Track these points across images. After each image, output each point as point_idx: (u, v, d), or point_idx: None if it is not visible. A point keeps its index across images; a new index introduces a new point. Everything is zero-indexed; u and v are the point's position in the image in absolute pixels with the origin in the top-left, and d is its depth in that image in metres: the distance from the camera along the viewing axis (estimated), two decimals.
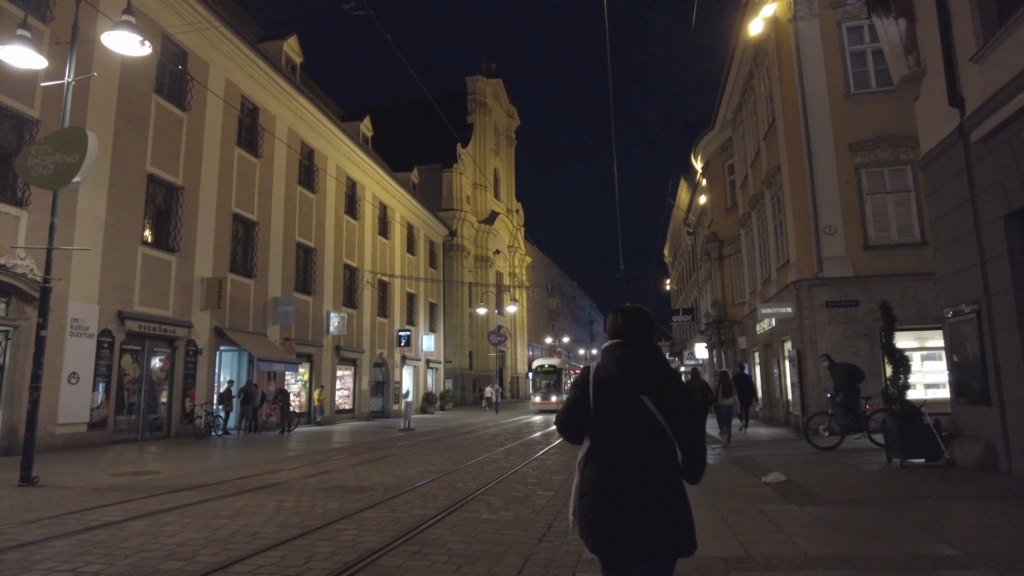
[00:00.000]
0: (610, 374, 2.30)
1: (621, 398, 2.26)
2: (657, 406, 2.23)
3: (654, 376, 2.27)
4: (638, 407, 2.24)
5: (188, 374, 16.84)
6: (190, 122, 17.35)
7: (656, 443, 2.23)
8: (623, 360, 2.31)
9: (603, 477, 2.22)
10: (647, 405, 2.23)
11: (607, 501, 2.18)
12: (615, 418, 2.26)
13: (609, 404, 2.28)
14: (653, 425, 2.23)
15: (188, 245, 17.07)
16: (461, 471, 9.36)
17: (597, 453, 2.28)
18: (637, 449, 2.22)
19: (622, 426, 2.25)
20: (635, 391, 2.25)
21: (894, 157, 15.10)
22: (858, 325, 14.76)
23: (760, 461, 9.61)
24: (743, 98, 21.21)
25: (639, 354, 2.32)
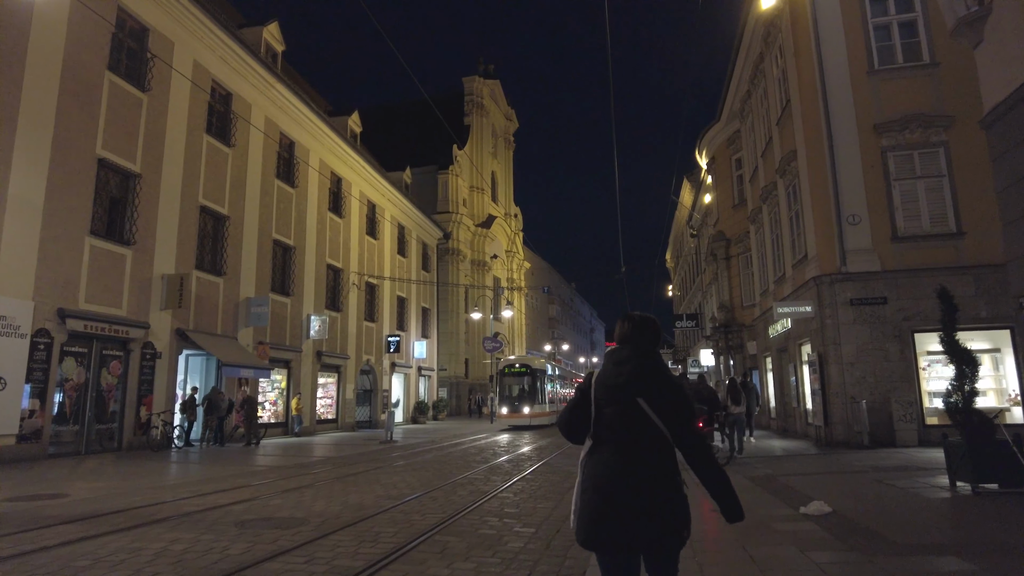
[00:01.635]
0: (610, 378, 2.40)
1: (619, 401, 2.34)
2: (654, 410, 2.30)
3: (651, 381, 2.35)
4: (635, 410, 2.31)
5: (144, 380, 15.27)
6: (151, 104, 15.87)
7: (652, 444, 2.29)
8: (622, 364, 2.41)
9: (601, 475, 2.29)
10: (644, 408, 2.30)
11: (603, 498, 2.25)
12: (614, 420, 2.34)
13: (608, 406, 2.36)
14: (650, 427, 2.30)
15: (146, 238, 15.54)
16: (428, 496, 7.77)
17: (599, 454, 2.36)
18: (634, 449, 2.28)
19: (620, 428, 2.33)
20: (632, 394, 2.33)
21: (924, 139, 13.58)
22: (887, 325, 13.19)
23: (789, 482, 8.02)
24: (752, 84, 19.74)
25: (638, 359, 2.40)
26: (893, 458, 10.38)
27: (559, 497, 7.66)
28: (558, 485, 8.77)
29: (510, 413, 25.81)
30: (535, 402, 25.85)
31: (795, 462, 10.55)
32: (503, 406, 26.14)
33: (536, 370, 26.69)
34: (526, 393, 26.02)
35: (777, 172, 16.81)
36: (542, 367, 27.94)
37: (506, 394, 26.40)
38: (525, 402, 25.75)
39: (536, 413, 25.74)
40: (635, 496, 2.20)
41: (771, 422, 19.86)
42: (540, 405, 26.35)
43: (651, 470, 2.25)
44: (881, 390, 12.94)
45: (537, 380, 26.29)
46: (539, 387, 26.50)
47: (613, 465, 2.27)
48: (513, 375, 26.57)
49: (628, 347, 2.46)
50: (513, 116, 60.09)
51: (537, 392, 26.17)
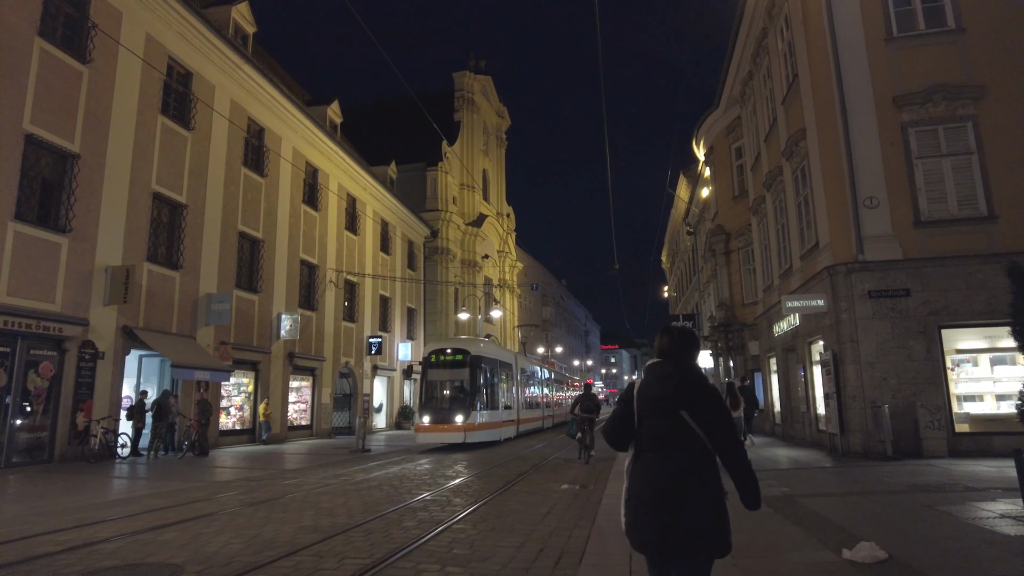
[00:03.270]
0: (652, 390, 2.51)
1: (662, 412, 2.45)
2: (695, 421, 2.40)
3: (694, 394, 2.44)
4: (678, 421, 2.41)
5: (83, 383, 13.70)
6: (92, 78, 14.35)
7: (694, 453, 2.39)
8: (665, 378, 2.51)
9: (646, 483, 2.41)
10: (686, 419, 2.40)
11: (649, 505, 2.37)
12: (657, 430, 2.45)
13: (651, 417, 2.47)
14: (692, 437, 2.40)
15: (86, 226, 14.00)
16: (363, 528, 6.26)
17: (641, 460, 2.48)
18: (676, 459, 2.39)
19: (663, 438, 2.43)
20: (676, 407, 2.43)
21: (950, 112, 12.18)
22: (910, 320, 11.75)
23: (814, 506, 6.54)
24: (754, 64, 18.33)
25: (680, 373, 2.49)
26: (927, 473, 8.91)
27: (529, 530, 6.17)
28: (535, 509, 7.28)
29: (433, 424, 17.10)
30: (475, 408, 17.41)
31: (813, 478, 9.07)
32: (423, 414, 17.50)
33: (479, 359, 18.30)
34: (462, 394, 17.68)
35: (783, 155, 15.39)
36: (494, 356, 19.78)
37: (431, 395, 18.14)
38: (458, 408, 17.23)
39: (477, 425, 17.30)
40: (677, 503, 2.33)
41: (775, 428, 18.41)
42: (487, 413, 18.14)
43: (693, 478, 2.37)
44: (904, 393, 11.50)
45: (481, 374, 18.22)
46: (484, 386, 18.41)
47: (657, 473, 2.40)
48: (443, 366, 18.23)
49: (670, 361, 2.55)
50: (505, 113, 58.71)
51: (481, 393, 18.03)
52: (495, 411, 19.16)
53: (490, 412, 18.61)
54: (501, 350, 22.10)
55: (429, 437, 17.31)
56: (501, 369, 20.55)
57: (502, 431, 19.79)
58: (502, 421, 19.81)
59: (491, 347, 20.58)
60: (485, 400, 18.35)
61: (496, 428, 19.03)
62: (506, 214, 58.88)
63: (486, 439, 18.10)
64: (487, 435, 18.14)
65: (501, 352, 21.57)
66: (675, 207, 41.36)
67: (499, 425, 19.41)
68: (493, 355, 19.87)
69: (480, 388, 18.12)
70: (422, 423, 17.40)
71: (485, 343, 20.44)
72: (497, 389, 19.81)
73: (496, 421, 19.05)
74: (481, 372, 18.29)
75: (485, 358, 18.80)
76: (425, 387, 18.41)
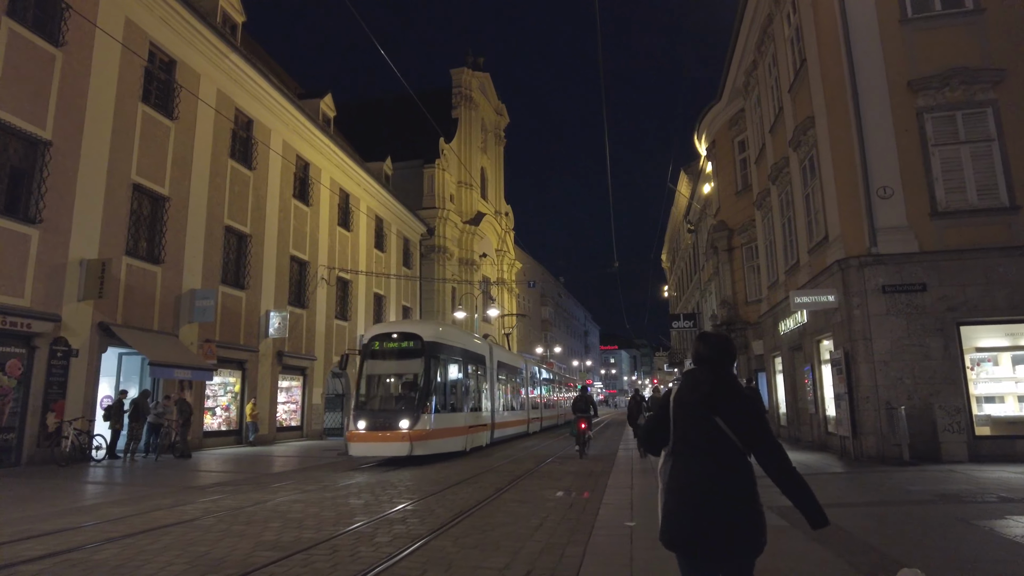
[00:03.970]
0: (689, 397, 2.56)
1: (698, 419, 2.50)
2: (730, 427, 2.44)
3: (727, 401, 2.49)
4: (711, 426, 2.46)
5: (54, 382, 13.03)
6: (66, 62, 13.68)
7: (729, 458, 2.43)
8: (699, 385, 2.56)
9: (682, 485, 2.46)
10: (720, 425, 2.44)
11: (686, 506, 2.42)
12: (692, 436, 2.50)
13: (687, 423, 2.53)
14: (727, 443, 2.44)
15: (59, 217, 13.33)
16: (328, 544, 5.60)
17: (677, 465, 2.53)
18: (711, 463, 2.43)
19: (699, 443, 2.47)
20: (710, 414, 2.47)
21: (969, 97, 11.52)
22: (927, 316, 11.09)
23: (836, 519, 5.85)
24: (759, 52, 17.68)
25: (714, 381, 2.54)
26: (951, 480, 8.25)
27: (516, 547, 5.50)
28: (520, 523, 6.61)
29: (369, 431, 12.96)
30: (427, 409, 13.28)
31: (828, 485, 8.40)
32: (358, 417, 13.25)
33: (436, 347, 14.27)
34: (412, 393, 13.67)
35: (790, 145, 14.73)
36: (457, 344, 15.88)
37: (370, 393, 14.19)
38: (404, 411, 13.20)
39: (429, 432, 13.22)
40: (711, 506, 2.37)
41: (780, 430, 17.73)
42: (445, 416, 14.27)
43: (728, 480, 2.41)
44: (921, 394, 10.83)
45: (438, 367, 14.22)
46: (443, 381, 14.50)
47: (692, 476, 2.46)
48: (387, 356, 14.26)
49: (706, 368, 2.61)
50: (504, 111, 58.07)
51: (437, 390, 13.94)
52: (457, 414, 15.23)
53: (450, 415, 14.74)
54: (467, 337, 18.15)
55: (364, 448, 13.06)
56: (469, 361, 16.68)
57: (469, 438, 15.99)
58: (467, 426, 15.88)
59: (453, 332, 16.70)
60: (443, 400, 14.38)
61: (458, 435, 15.03)
62: (505, 213, 58.22)
63: (443, 449, 14.00)
64: (444, 444, 14.07)
65: (467, 340, 17.52)
66: (675, 205, 40.73)
67: (462, 431, 15.38)
68: (456, 343, 15.98)
69: (436, 384, 13.96)
70: (356, 429, 13.05)
71: (446, 328, 16.69)
72: (462, 386, 15.90)
73: (458, 426, 15.13)
74: (438, 364, 14.28)
75: (444, 346, 14.83)
76: (363, 383, 14.10)
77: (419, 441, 12.99)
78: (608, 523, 6.19)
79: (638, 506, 7.19)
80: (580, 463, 13.43)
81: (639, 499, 7.76)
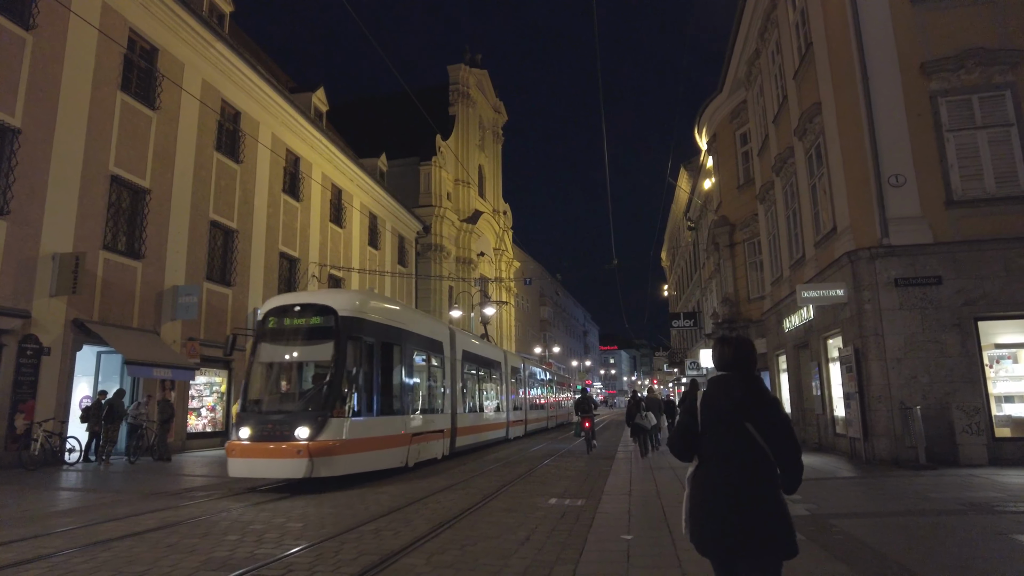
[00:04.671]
0: (717, 402, 2.61)
1: (727, 424, 2.56)
2: (759, 432, 2.52)
3: (758, 407, 2.56)
4: (742, 432, 2.52)
5: (23, 381, 12.41)
6: (38, 47, 13.06)
7: (758, 461, 2.51)
8: (730, 391, 2.61)
9: (713, 490, 2.51)
10: (750, 431, 2.52)
11: (718, 511, 2.46)
12: (722, 441, 2.56)
13: (716, 429, 2.58)
14: (756, 448, 2.52)
15: (29, 208, 12.71)
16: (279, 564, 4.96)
17: (706, 470, 2.57)
18: (741, 467, 2.50)
19: (728, 448, 2.53)
20: (741, 419, 2.54)
21: (986, 80, 10.92)
22: (942, 311, 10.47)
23: (855, 532, 5.27)
24: (761, 40, 17.07)
25: (744, 386, 2.60)
26: (975, 486, 7.63)
27: (498, 566, 4.88)
28: (505, 535, 5.99)
29: (255, 441, 9.45)
30: (338, 410, 9.76)
31: (839, 491, 7.79)
32: (242, 422, 9.75)
33: (357, 323, 10.59)
34: (314, 386, 10.34)
35: (795, 134, 14.11)
36: (392, 323, 11.95)
37: (261, 387, 10.49)
38: (302, 414, 9.65)
39: (342, 444, 9.65)
40: (741, 510, 2.43)
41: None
42: (370, 423, 10.51)
43: (759, 484, 2.47)
44: (936, 393, 10.22)
45: (359, 351, 10.48)
46: (369, 371, 10.72)
47: (724, 481, 2.50)
48: (287, 337, 10.55)
49: (734, 373, 2.66)
50: (502, 108, 57.48)
51: (351, 384, 10.16)
52: (392, 418, 11.40)
53: (382, 420, 10.90)
54: (415, 316, 14.11)
55: (244, 467, 9.36)
56: (416, 348, 12.99)
57: (414, 449, 12.26)
58: (411, 434, 12.16)
59: (389, 308, 12.27)
60: (370, 397, 10.57)
61: (393, 446, 11.32)
62: (503, 211, 57.62)
63: (367, 467, 10.34)
64: (370, 460, 10.41)
65: (413, 319, 13.37)
66: (675, 202, 40.14)
67: (400, 440, 11.64)
68: (393, 321, 11.90)
69: (357, 376, 10.26)
70: (238, 438, 9.48)
71: (376, 300, 12.18)
72: (404, 380, 12.14)
73: (394, 434, 11.39)
74: (361, 348, 10.44)
75: (370, 324, 10.88)
76: (253, 374, 10.37)
77: (325, 457, 9.23)
78: (603, 536, 5.57)
79: (636, 515, 6.58)
80: (574, 465, 12.80)
81: (637, 506, 7.16)
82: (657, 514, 6.62)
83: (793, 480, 2.54)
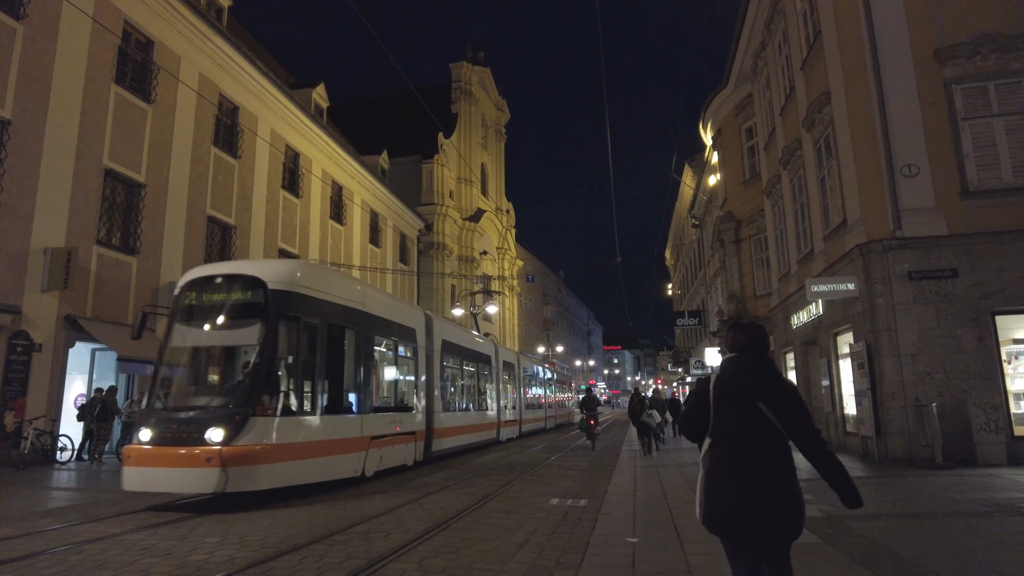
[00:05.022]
0: (730, 384, 2.60)
1: (740, 405, 2.56)
2: (772, 412, 2.51)
3: (770, 387, 2.55)
4: (755, 413, 2.52)
5: (14, 378, 12.15)
6: (28, 37, 12.80)
7: (770, 441, 2.50)
8: (741, 372, 2.61)
9: (726, 470, 2.50)
10: (763, 411, 2.52)
11: (730, 489, 2.47)
12: (734, 422, 2.55)
13: (728, 409, 2.58)
14: (769, 427, 2.51)
15: (20, 202, 12.45)
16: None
17: (719, 451, 2.56)
18: (754, 449, 2.50)
19: (741, 430, 2.53)
20: (753, 400, 2.53)
21: (1002, 66, 10.56)
22: (958, 305, 10.11)
23: (880, 538, 4.93)
24: (768, 31, 16.72)
25: (755, 367, 2.61)
26: (997, 487, 7.29)
27: (494, 571, 4.56)
28: (502, 538, 5.67)
29: (156, 446, 7.54)
30: (265, 406, 7.86)
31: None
32: (145, 421, 7.90)
33: (292, 298, 8.57)
34: (235, 377, 8.72)
35: (803, 125, 13.77)
36: (343, 299, 9.88)
37: (172, 381, 8.58)
38: (216, 412, 7.73)
39: (268, 450, 7.65)
40: (753, 491, 2.42)
41: None
42: (308, 425, 8.58)
43: (771, 464, 2.46)
44: (952, 390, 9.86)
45: (294, 333, 8.45)
46: (301, 359, 8.62)
47: (736, 460, 2.49)
48: (204, 314, 8.57)
49: (745, 355, 2.66)
50: (504, 106, 57.19)
51: (284, 374, 8.21)
52: (340, 418, 9.34)
53: (328, 420, 8.94)
54: (377, 295, 12.00)
55: (141, 478, 7.53)
56: (377, 333, 10.94)
57: (374, 455, 10.28)
58: (369, 436, 10.13)
59: (337, 283, 10.08)
60: (312, 391, 8.72)
61: (343, 452, 9.28)
62: (505, 210, 57.32)
63: (301, 478, 8.28)
64: (305, 470, 8.38)
65: (376, 299, 11.38)
66: (679, 200, 39.77)
67: (353, 445, 9.58)
68: (343, 299, 9.77)
69: (292, 363, 8.32)
70: (138, 441, 7.69)
71: (321, 272, 10.63)
72: (359, 371, 10.07)
73: (342, 437, 9.31)
74: (297, 329, 8.44)
75: (311, 301, 8.88)
76: (163, 361, 8.44)
77: (244, 466, 7.31)
78: (606, 539, 5.25)
79: (642, 516, 6.25)
80: (577, 462, 12.48)
81: (642, 507, 6.83)
82: (664, 515, 6.29)
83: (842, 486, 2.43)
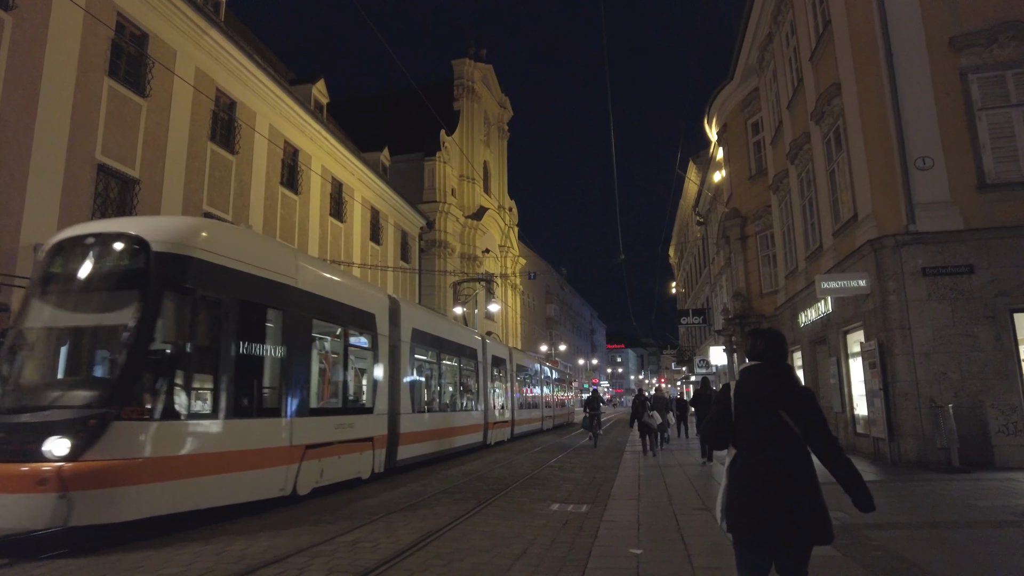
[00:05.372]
0: (752, 392, 2.64)
1: (761, 412, 2.59)
2: (793, 419, 2.55)
3: (792, 395, 2.59)
4: (776, 420, 2.56)
5: None
6: (17, 28, 12.51)
7: (793, 449, 2.55)
8: (765, 381, 2.65)
9: (751, 478, 2.53)
10: (784, 418, 2.56)
11: (756, 498, 2.49)
12: (758, 429, 2.59)
13: (751, 417, 2.61)
14: (790, 435, 2.55)
15: (9, 197, 12.16)
16: None
17: (744, 458, 2.60)
18: (776, 454, 2.54)
19: (763, 436, 2.57)
20: (776, 407, 2.57)
21: (1021, 54, 10.19)
22: (974, 302, 9.75)
23: (895, 547, 4.62)
24: (775, 23, 16.35)
25: (778, 375, 2.65)
26: (1019, 492, 6.96)
27: None
28: (498, 549, 5.34)
29: None
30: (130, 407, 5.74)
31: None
32: None
33: (177, 261, 6.46)
34: (101, 365, 6.29)
35: (812, 118, 13.40)
36: (257, 264, 7.53)
37: (21, 374, 6.23)
38: (66, 414, 5.65)
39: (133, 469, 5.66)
40: (778, 497, 2.46)
41: None
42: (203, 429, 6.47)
43: (795, 472, 2.49)
44: (969, 390, 9.50)
45: (190, 310, 6.47)
46: (200, 344, 6.61)
47: (761, 469, 2.51)
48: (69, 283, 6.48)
49: (766, 364, 2.70)
50: (507, 104, 56.89)
51: (169, 361, 6.17)
52: (256, 420, 7.43)
53: (238, 425, 7.01)
54: (319, 268, 9.84)
55: None
56: (311, 315, 8.73)
57: (309, 468, 8.26)
58: (304, 445, 8.16)
59: (256, 248, 7.96)
60: (208, 386, 6.71)
61: (260, 467, 7.33)
62: (508, 208, 57.00)
63: (190, 503, 6.35)
64: (200, 491, 6.45)
65: (317, 276, 9.22)
66: (684, 198, 39.39)
67: (274, 457, 7.61)
68: (263, 270, 7.71)
69: (183, 349, 6.42)
70: None
71: (239, 235, 8.04)
72: (287, 360, 7.99)
73: (260, 447, 7.38)
74: (190, 304, 6.57)
75: (211, 267, 6.87)
76: (12, 346, 6.39)
77: (95, 490, 5.52)
78: (609, 550, 4.93)
79: (646, 524, 5.93)
80: (579, 462, 12.16)
81: (647, 514, 6.50)
82: (669, 523, 5.97)
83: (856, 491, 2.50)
